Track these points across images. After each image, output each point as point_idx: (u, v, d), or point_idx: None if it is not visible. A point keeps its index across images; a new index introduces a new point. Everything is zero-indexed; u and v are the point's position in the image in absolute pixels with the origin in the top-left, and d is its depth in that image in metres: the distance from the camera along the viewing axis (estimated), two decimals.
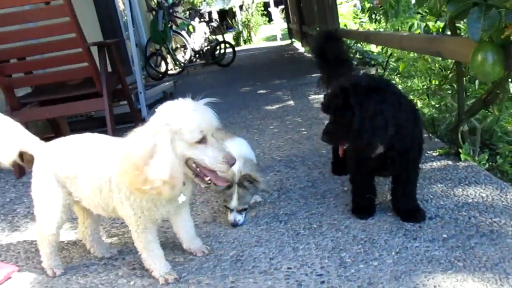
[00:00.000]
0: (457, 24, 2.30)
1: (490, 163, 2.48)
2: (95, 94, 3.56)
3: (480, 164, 2.34)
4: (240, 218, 2.06)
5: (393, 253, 1.66)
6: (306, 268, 1.66)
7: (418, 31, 3.81)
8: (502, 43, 1.71)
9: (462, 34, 2.30)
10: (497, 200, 1.93)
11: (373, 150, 1.72)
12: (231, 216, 2.05)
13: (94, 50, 3.53)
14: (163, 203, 1.63)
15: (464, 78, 2.67)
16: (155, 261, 1.72)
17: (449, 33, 2.36)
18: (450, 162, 2.41)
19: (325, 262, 1.68)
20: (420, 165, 2.34)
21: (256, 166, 2.14)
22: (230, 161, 1.48)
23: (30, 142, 1.79)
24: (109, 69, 3.99)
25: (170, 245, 2.01)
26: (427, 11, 3.13)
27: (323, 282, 1.56)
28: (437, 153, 2.54)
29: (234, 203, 2.02)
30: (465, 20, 1.82)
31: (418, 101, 3.99)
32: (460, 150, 2.37)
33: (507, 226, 1.72)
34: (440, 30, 2.53)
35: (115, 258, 1.97)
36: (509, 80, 2.23)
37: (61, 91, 3.74)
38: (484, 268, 1.49)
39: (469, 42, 1.80)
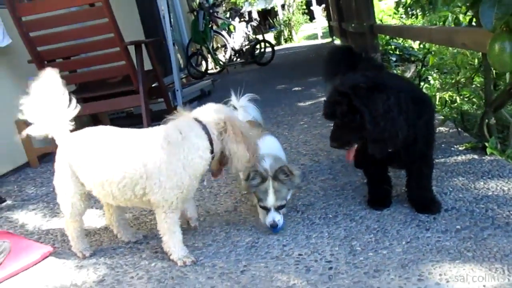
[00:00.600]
0: None
1: None
2: (133, 91, 3.75)
3: (508, 159, 2.28)
4: (279, 218, 1.86)
5: (404, 243, 1.68)
6: (316, 255, 1.71)
7: (453, 24, 3.72)
8: None
9: None
10: None
11: (392, 148, 1.72)
12: (269, 217, 1.85)
13: (132, 49, 3.72)
14: (198, 180, 1.79)
15: (495, 71, 2.61)
16: (175, 244, 1.82)
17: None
18: (475, 156, 2.36)
19: (335, 250, 1.72)
20: (443, 159, 2.33)
21: (285, 163, 1.99)
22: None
23: (59, 129, 1.85)
24: (150, 67, 4.19)
25: (192, 231, 2.11)
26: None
27: (331, 268, 1.60)
28: (464, 147, 2.49)
29: (270, 199, 1.83)
30: None
31: (458, 97, 3.89)
32: (486, 144, 2.31)
33: None
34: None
35: (140, 242, 2.09)
36: None
37: (102, 88, 3.97)
38: (494, 259, 1.48)
39: (491, 33, 1.78)
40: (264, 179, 1.84)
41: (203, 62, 8.96)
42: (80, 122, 4.64)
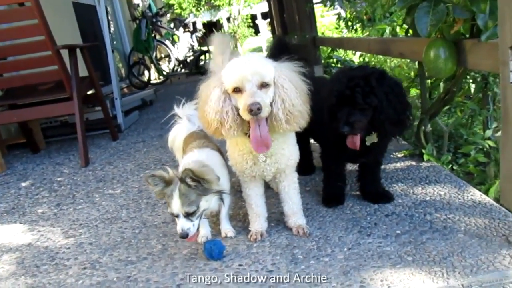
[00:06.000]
0: None
1: (459, 165, 2.49)
2: (67, 99, 3.51)
3: (443, 165, 2.35)
4: (189, 226, 1.60)
5: (345, 249, 1.64)
6: (257, 265, 1.63)
7: (390, 35, 3.86)
8: (454, 39, 1.73)
9: None
10: (454, 197, 1.93)
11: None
12: (178, 225, 1.61)
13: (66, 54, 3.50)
14: None
15: (430, 81, 2.70)
16: None
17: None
18: (413, 163, 2.41)
19: (276, 259, 1.65)
20: (383, 166, 2.35)
21: (212, 171, 1.66)
22: (251, 107, 1.47)
23: None
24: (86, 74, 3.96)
25: (126, 244, 1.96)
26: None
27: (272, 278, 1.53)
28: (402, 155, 2.54)
29: (175, 203, 1.58)
30: None
31: None
32: (423, 151, 2.37)
33: (460, 222, 1.71)
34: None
35: (67, 258, 1.92)
36: (469, 79, 2.26)
37: (32, 95, 3.69)
38: (433, 262, 1.48)
39: (427, 42, 1.81)
40: (168, 183, 1.61)
41: (146, 72, 8.73)
42: (7, 131, 4.31)
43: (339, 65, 6.30)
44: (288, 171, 1.81)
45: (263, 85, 1.54)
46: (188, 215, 1.60)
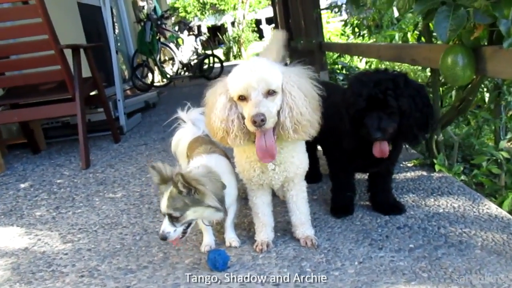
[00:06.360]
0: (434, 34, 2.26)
1: (466, 175, 2.42)
2: (70, 99, 3.45)
3: (455, 175, 2.27)
4: (170, 230, 1.54)
5: (356, 263, 1.56)
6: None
7: (401, 42, 3.79)
8: (473, 46, 1.66)
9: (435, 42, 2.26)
10: (469, 210, 1.85)
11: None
12: (161, 226, 1.56)
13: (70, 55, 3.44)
14: None
15: (441, 89, 2.62)
16: None
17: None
18: (424, 173, 2.33)
19: (283, 271, 1.57)
20: (393, 175, 2.27)
21: (218, 182, 1.60)
22: (254, 118, 1.41)
23: None
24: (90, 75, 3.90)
25: (126, 251, 1.89)
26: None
27: None
28: (412, 164, 2.47)
29: (163, 203, 1.53)
30: None
31: None
32: (435, 161, 2.29)
33: (476, 236, 1.63)
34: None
35: (65, 264, 1.84)
36: (483, 87, 2.18)
37: (34, 94, 3.63)
38: (450, 280, 1.40)
39: (443, 48, 1.75)
40: (164, 180, 1.55)
41: (149, 74, 8.68)
42: (8, 131, 4.26)
43: (344, 71, 6.24)
44: (296, 180, 1.74)
45: (270, 93, 1.47)
46: (172, 219, 1.54)
